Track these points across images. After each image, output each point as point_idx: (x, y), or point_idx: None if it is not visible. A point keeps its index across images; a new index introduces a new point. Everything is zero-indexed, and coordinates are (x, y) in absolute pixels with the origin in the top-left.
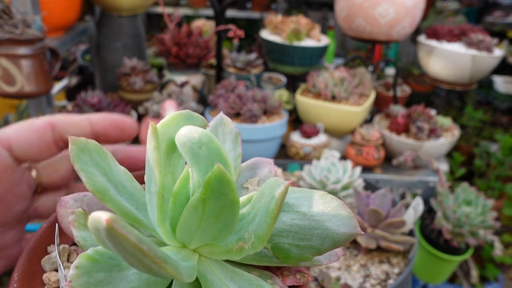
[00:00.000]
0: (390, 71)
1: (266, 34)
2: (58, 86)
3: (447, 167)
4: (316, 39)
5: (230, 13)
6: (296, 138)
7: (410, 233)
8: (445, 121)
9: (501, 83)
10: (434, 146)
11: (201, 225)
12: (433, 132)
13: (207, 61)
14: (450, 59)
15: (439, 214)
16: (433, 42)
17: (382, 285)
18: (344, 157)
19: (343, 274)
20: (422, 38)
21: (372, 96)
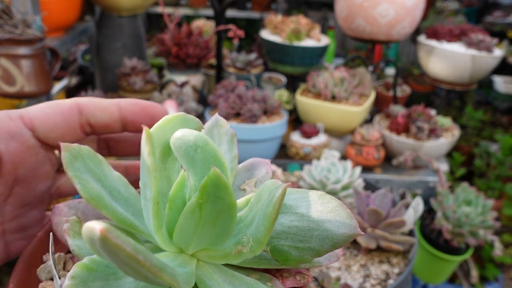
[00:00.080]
0: (390, 71)
1: (266, 34)
2: (58, 86)
3: (447, 167)
4: (316, 39)
5: (230, 13)
6: (296, 138)
7: (410, 233)
8: (445, 121)
9: (501, 83)
10: (434, 146)
11: (198, 230)
12: (433, 132)
13: (207, 61)
14: (450, 59)
15: (439, 214)
16: (433, 42)
17: (382, 285)
18: (344, 157)
19: (343, 274)
20: (422, 38)
21: (372, 96)
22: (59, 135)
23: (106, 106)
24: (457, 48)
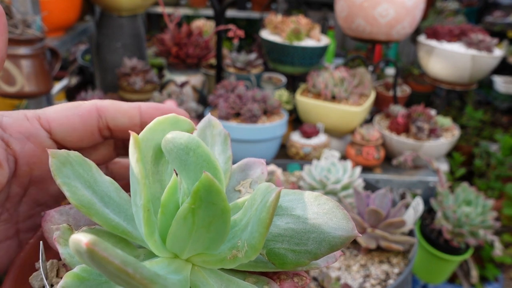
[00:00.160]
0: (390, 71)
1: (266, 34)
2: (58, 86)
3: (447, 167)
4: (316, 39)
5: (230, 13)
6: (296, 138)
7: (410, 233)
8: (445, 121)
9: (501, 83)
10: (434, 146)
11: (191, 235)
12: (433, 132)
13: (207, 61)
14: (450, 59)
15: (439, 214)
16: (433, 42)
17: (382, 285)
18: (344, 157)
19: (343, 274)
20: (422, 38)
21: (372, 96)
22: (76, 138)
23: (127, 109)
24: (457, 48)
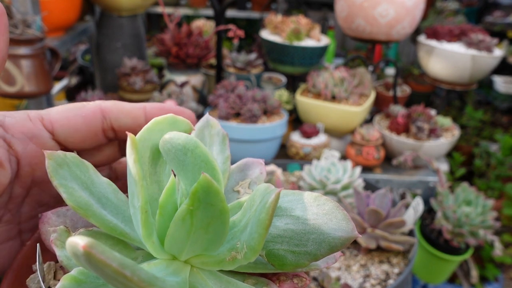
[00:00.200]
0: (390, 71)
1: (266, 34)
2: (58, 86)
3: (447, 167)
4: (316, 39)
5: (230, 13)
6: (296, 138)
7: (410, 233)
8: (445, 121)
9: (501, 83)
10: (434, 146)
11: (190, 237)
12: (433, 132)
13: (207, 61)
14: (450, 59)
15: (439, 214)
16: (433, 42)
17: (382, 285)
18: (344, 157)
19: (343, 274)
20: (422, 38)
21: (372, 96)
22: (79, 139)
23: (131, 110)
24: (457, 48)
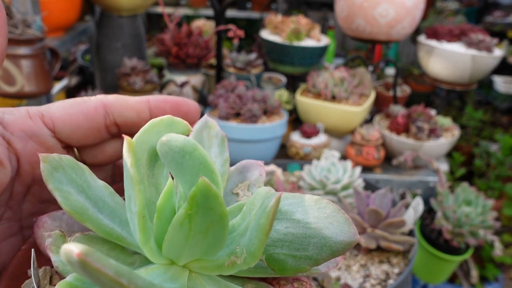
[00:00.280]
0: (390, 71)
1: (266, 34)
2: (58, 86)
3: (447, 167)
4: (316, 39)
5: (230, 13)
6: (296, 138)
7: (410, 233)
8: (445, 121)
9: (501, 83)
10: (434, 146)
11: (188, 241)
12: (433, 132)
13: (207, 61)
14: (450, 59)
15: (439, 214)
16: (433, 42)
17: (382, 285)
18: (344, 157)
19: (343, 274)
20: (422, 38)
21: (372, 96)
22: (81, 136)
23: (135, 104)
24: (457, 48)
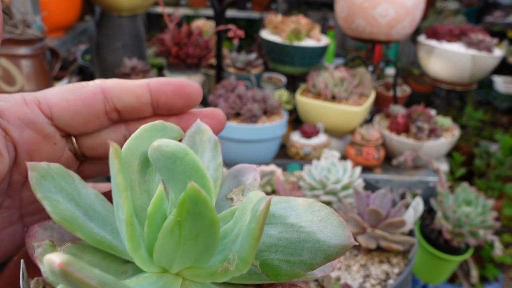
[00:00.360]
0: (390, 71)
1: (266, 34)
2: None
3: (447, 167)
4: (316, 39)
5: (230, 13)
6: (296, 138)
7: (410, 233)
8: (445, 121)
9: (501, 83)
10: (434, 146)
11: (179, 248)
12: (433, 132)
13: (207, 61)
14: (450, 59)
15: (439, 214)
16: (433, 42)
17: (382, 285)
18: (344, 157)
19: (343, 274)
20: (422, 38)
21: (372, 96)
22: (80, 123)
23: (135, 88)
24: (457, 48)
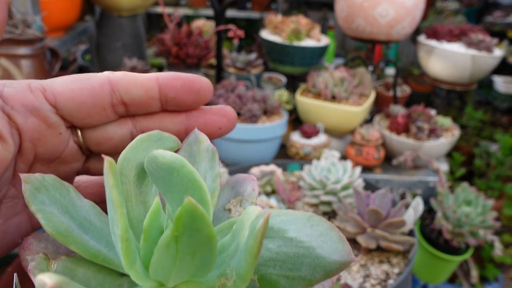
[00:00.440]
0: (390, 71)
1: (266, 34)
2: None
3: (447, 167)
4: (316, 39)
5: (230, 13)
6: (296, 138)
7: (410, 233)
8: (445, 121)
9: (501, 83)
10: (434, 146)
11: (176, 263)
12: (433, 132)
13: (207, 61)
14: (450, 59)
15: (439, 214)
16: (433, 42)
17: (382, 285)
18: (344, 157)
19: (343, 274)
20: (422, 38)
21: (372, 96)
22: (85, 115)
23: (143, 81)
24: (457, 48)
